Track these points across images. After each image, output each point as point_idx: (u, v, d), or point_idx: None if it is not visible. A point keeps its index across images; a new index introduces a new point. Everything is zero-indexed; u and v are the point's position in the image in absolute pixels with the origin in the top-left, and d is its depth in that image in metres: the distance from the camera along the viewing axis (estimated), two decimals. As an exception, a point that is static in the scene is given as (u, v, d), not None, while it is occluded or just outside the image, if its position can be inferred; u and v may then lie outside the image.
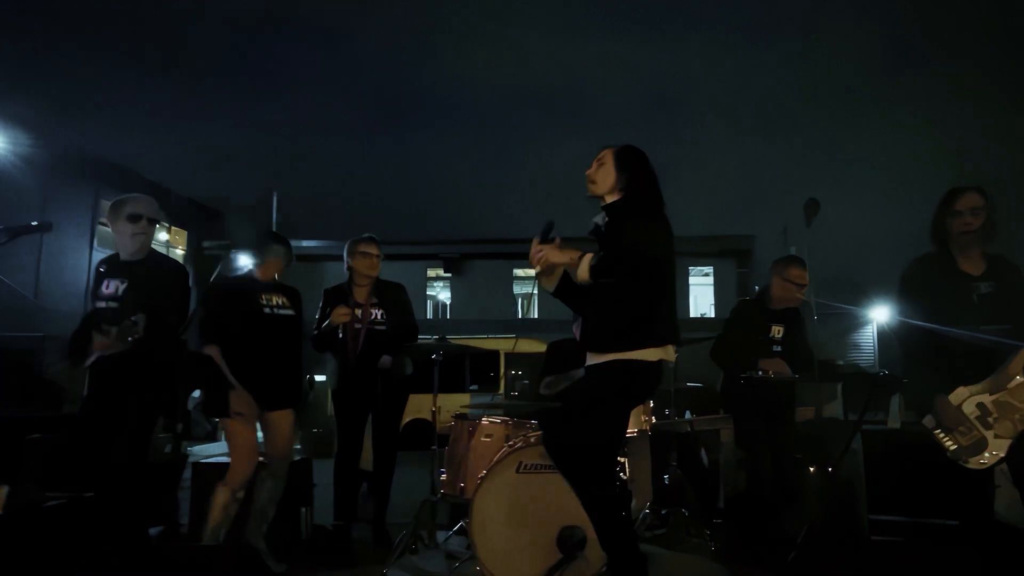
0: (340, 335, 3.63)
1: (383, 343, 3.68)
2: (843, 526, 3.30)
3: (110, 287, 2.87)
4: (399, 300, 3.83)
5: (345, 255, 3.79)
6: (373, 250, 3.73)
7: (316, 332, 3.67)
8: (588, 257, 2.26)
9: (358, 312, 3.64)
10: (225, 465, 3.22)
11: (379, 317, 3.71)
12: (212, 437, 12.24)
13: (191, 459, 4.10)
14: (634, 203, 2.38)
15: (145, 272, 2.88)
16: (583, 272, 2.25)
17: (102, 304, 2.86)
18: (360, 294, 3.74)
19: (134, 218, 2.87)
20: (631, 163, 2.45)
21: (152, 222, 2.92)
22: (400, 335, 3.73)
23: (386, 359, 3.69)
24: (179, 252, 18.63)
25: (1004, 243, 2.64)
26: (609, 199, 2.46)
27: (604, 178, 2.46)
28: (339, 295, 3.72)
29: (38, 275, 13.99)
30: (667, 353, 2.33)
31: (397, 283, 3.91)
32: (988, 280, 2.54)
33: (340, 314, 3.53)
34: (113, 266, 2.93)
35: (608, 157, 2.47)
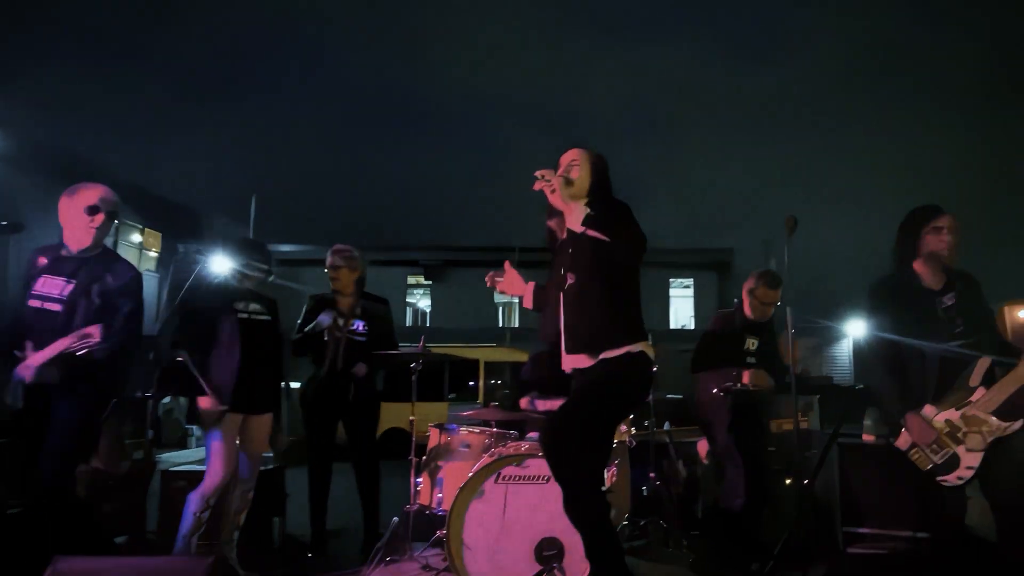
0: (325, 338, 3.65)
1: (361, 354, 3.72)
2: (818, 538, 3.32)
3: (52, 286, 2.56)
4: (381, 315, 3.86)
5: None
6: (339, 262, 3.76)
7: (298, 335, 3.67)
8: (580, 206, 2.21)
9: (339, 321, 3.67)
10: (195, 473, 3.14)
11: (360, 328, 3.74)
12: (182, 444, 11.99)
13: (160, 467, 4.00)
14: (614, 207, 2.29)
15: (97, 274, 2.60)
16: (573, 221, 2.21)
17: (37, 304, 2.54)
18: (344, 303, 3.76)
19: (92, 210, 2.63)
20: (603, 170, 2.39)
21: (111, 216, 2.69)
22: (378, 347, 3.75)
23: (360, 367, 3.71)
24: (152, 255, 18.29)
25: (968, 257, 2.67)
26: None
27: (581, 181, 2.34)
28: (324, 303, 3.74)
29: (6, 277, 13.61)
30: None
31: (382, 297, 3.94)
32: (948, 292, 2.58)
33: (325, 318, 3.58)
34: (57, 260, 2.62)
35: (583, 159, 2.38)
